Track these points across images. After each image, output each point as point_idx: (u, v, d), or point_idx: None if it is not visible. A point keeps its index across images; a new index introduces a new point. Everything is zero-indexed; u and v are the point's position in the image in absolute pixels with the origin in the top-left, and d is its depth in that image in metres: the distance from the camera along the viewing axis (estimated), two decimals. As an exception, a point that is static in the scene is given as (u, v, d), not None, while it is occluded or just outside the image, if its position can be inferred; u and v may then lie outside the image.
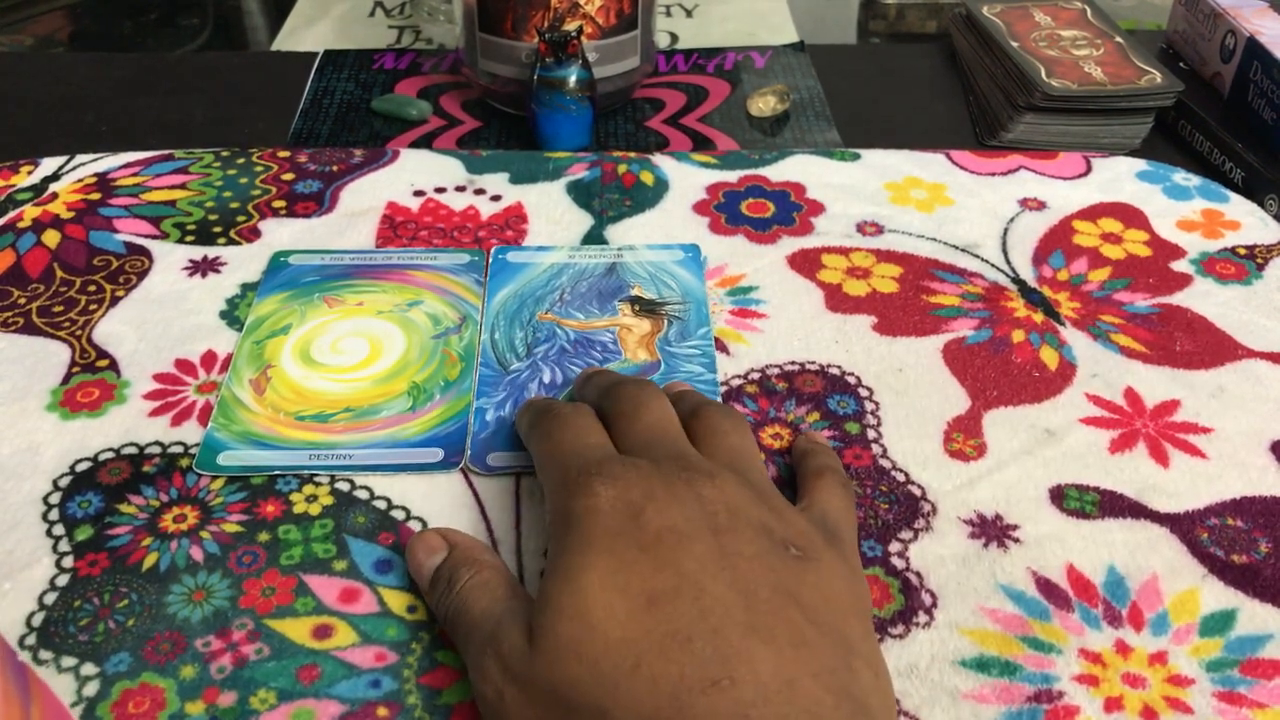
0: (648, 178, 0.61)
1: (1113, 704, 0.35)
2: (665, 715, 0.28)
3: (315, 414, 0.45)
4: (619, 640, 0.29)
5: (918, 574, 0.39)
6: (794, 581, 0.31)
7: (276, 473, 0.42)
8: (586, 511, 0.32)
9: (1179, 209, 0.59)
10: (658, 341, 0.49)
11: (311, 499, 0.42)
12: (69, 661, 0.36)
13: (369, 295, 0.52)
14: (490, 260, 0.54)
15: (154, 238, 0.55)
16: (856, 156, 0.63)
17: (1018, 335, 0.50)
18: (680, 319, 0.50)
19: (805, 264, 0.54)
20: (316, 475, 0.43)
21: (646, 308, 0.51)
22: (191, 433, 0.44)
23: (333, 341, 0.49)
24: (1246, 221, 0.58)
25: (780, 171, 0.62)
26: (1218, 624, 0.37)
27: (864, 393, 0.47)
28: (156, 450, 0.44)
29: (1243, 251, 0.56)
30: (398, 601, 0.38)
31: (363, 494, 0.42)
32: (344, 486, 0.42)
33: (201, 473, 0.42)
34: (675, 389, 0.43)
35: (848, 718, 0.28)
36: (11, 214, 0.57)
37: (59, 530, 0.40)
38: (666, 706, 0.28)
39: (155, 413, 0.45)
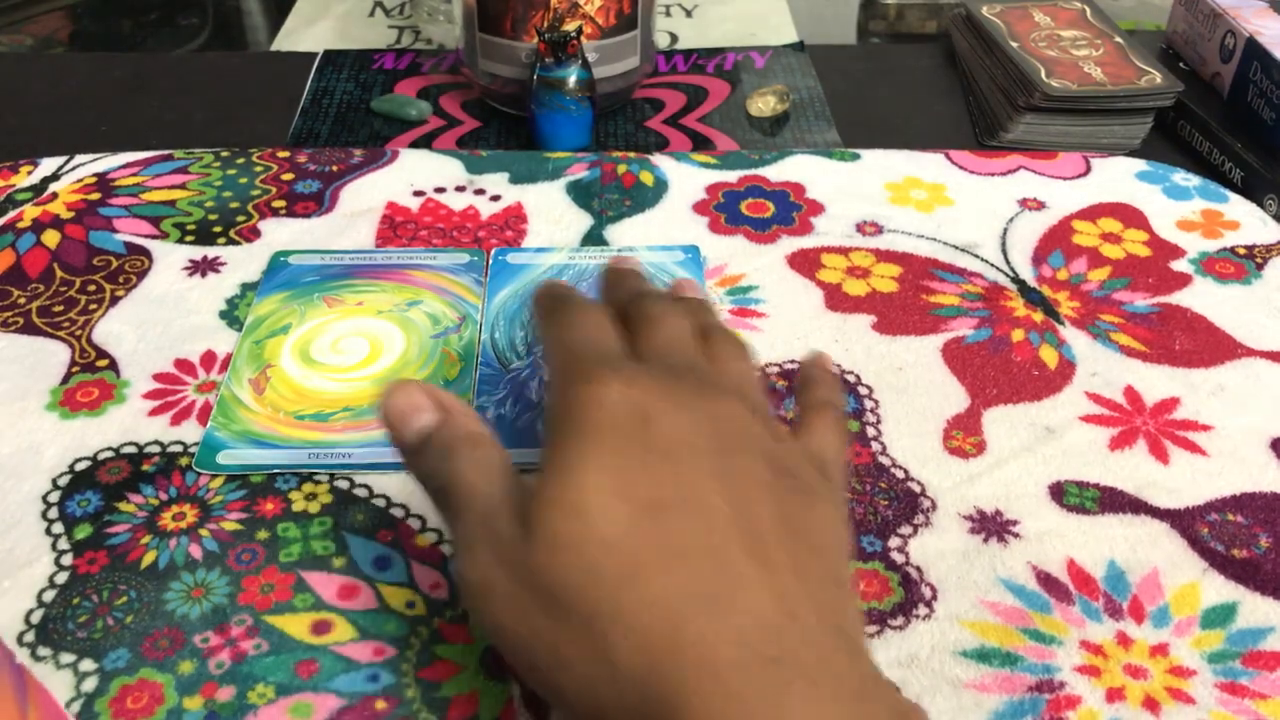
0: (647, 178, 0.61)
1: (1114, 694, 0.35)
2: (659, 630, 0.27)
3: (315, 413, 0.45)
4: (618, 545, 0.28)
5: (918, 568, 0.39)
6: (797, 513, 0.30)
7: (276, 471, 0.42)
8: (592, 401, 0.30)
9: (1178, 209, 0.59)
10: None
11: (311, 497, 0.42)
12: (67, 658, 0.36)
13: (369, 295, 0.52)
14: (490, 262, 0.54)
15: (154, 238, 0.55)
16: (856, 156, 0.63)
17: (1017, 334, 0.50)
18: None
19: (805, 264, 0.54)
20: (315, 474, 0.43)
21: None
22: (191, 432, 0.44)
23: (332, 341, 0.49)
24: (1246, 221, 0.58)
25: (780, 171, 0.62)
26: (1219, 617, 0.37)
27: (864, 391, 0.47)
28: (156, 450, 0.44)
29: (1242, 251, 0.56)
30: (397, 597, 0.38)
31: (361, 492, 0.42)
32: (343, 484, 0.42)
33: (201, 471, 0.42)
34: (683, 291, 0.41)
35: (846, 656, 0.27)
36: (11, 214, 0.57)
37: (58, 529, 0.40)
38: (662, 622, 0.27)
39: (155, 412, 0.45)
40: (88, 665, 0.36)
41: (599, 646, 0.27)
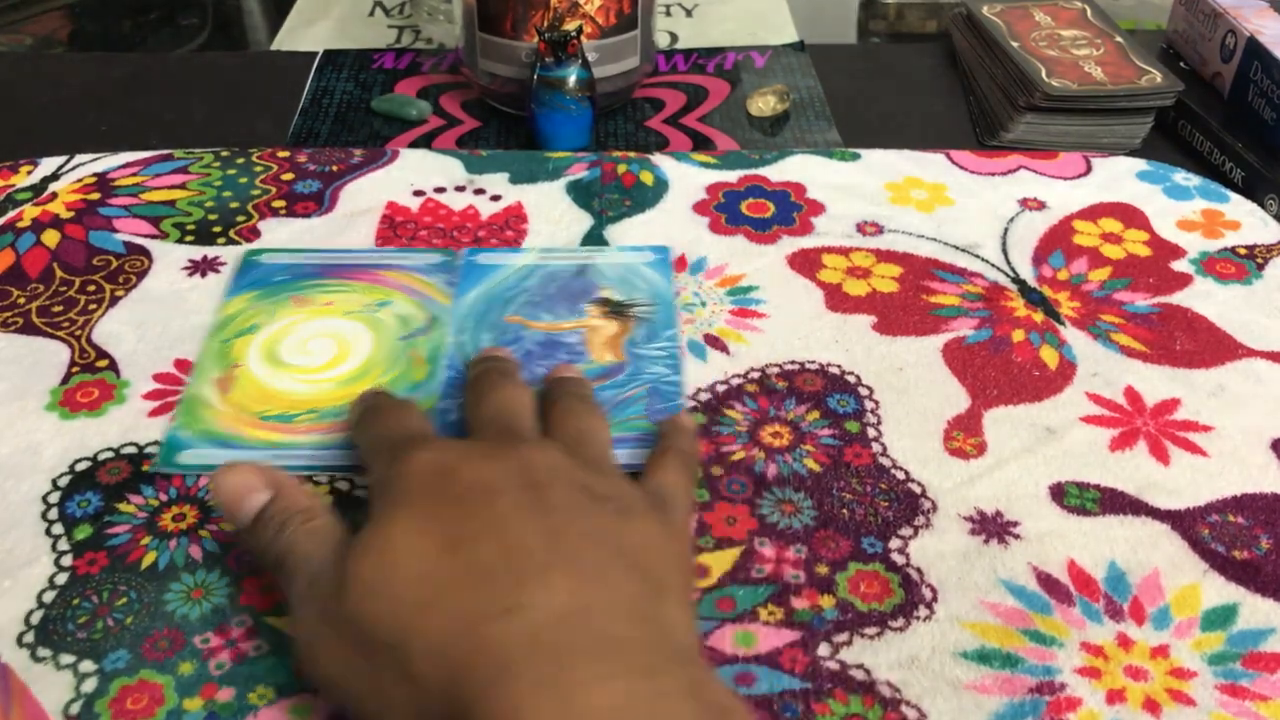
0: (647, 178, 0.61)
1: (1115, 696, 0.35)
2: (459, 645, 0.28)
3: (279, 414, 0.45)
4: (418, 576, 0.30)
5: (918, 569, 0.39)
6: (608, 528, 0.32)
7: None
8: (399, 475, 0.33)
9: (1179, 209, 0.59)
10: (624, 343, 0.49)
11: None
12: (67, 659, 0.36)
13: (339, 295, 0.51)
14: (461, 262, 0.54)
15: (153, 237, 0.55)
16: (856, 156, 0.63)
17: (1018, 335, 0.50)
18: (648, 320, 0.50)
19: (805, 264, 0.54)
20: (316, 475, 0.43)
21: (615, 309, 0.51)
22: (191, 431, 0.44)
23: (300, 342, 0.49)
24: (1246, 221, 0.58)
25: (780, 171, 0.62)
26: (1220, 618, 0.37)
27: (864, 392, 0.47)
28: (156, 450, 0.44)
29: (1243, 251, 0.56)
30: (397, 599, 0.38)
31: (362, 493, 0.42)
32: (343, 485, 0.42)
33: (160, 471, 0.42)
34: (558, 374, 0.44)
35: (648, 641, 0.29)
36: (11, 214, 0.57)
37: (58, 529, 0.40)
38: (461, 636, 0.28)
39: (155, 413, 0.45)
40: (87, 666, 0.35)
41: (406, 670, 0.28)
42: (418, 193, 0.59)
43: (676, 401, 0.46)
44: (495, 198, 0.59)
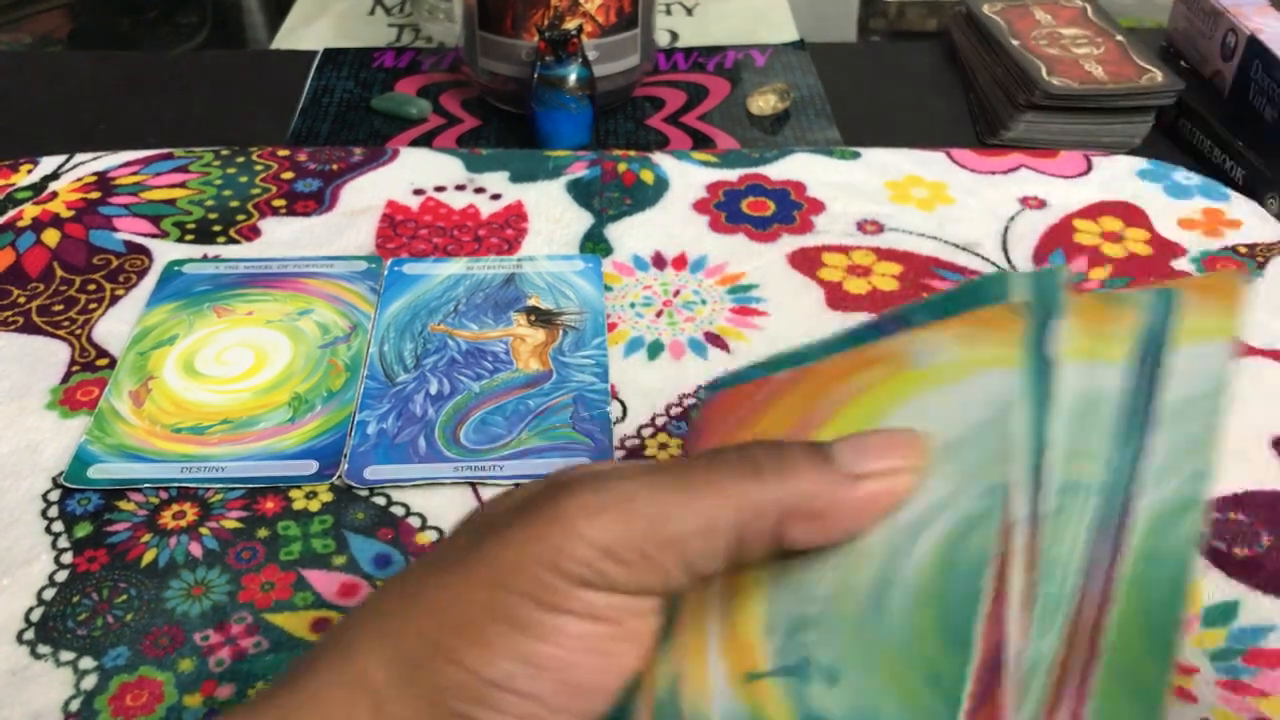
0: (648, 176, 0.60)
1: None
2: None
3: (192, 426, 0.44)
4: None
5: (919, 569, 0.39)
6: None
7: (145, 486, 0.42)
8: None
9: (1180, 207, 0.59)
10: (551, 352, 0.48)
11: (311, 495, 0.42)
12: (67, 656, 0.36)
13: (260, 304, 0.51)
14: (386, 271, 0.53)
15: (154, 236, 0.55)
16: (857, 155, 0.63)
17: (1018, 332, 0.50)
18: (576, 329, 0.50)
19: (806, 262, 0.54)
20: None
21: (542, 318, 0.50)
22: (191, 429, 0.44)
23: (217, 352, 0.48)
24: (1247, 220, 0.58)
25: (780, 170, 0.62)
26: (1221, 615, 0.37)
27: (865, 389, 0.47)
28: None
29: (1243, 250, 0.56)
30: (397, 597, 0.38)
31: (362, 490, 0.42)
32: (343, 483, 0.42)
33: (69, 486, 0.42)
34: None
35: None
36: (11, 213, 0.57)
37: (58, 527, 0.40)
38: None
39: (154, 409, 0.45)
40: (87, 663, 0.35)
41: None
42: (418, 191, 0.59)
43: (604, 410, 0.45)
44: (495, 196, 0.59)
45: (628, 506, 0.24)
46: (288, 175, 0.60)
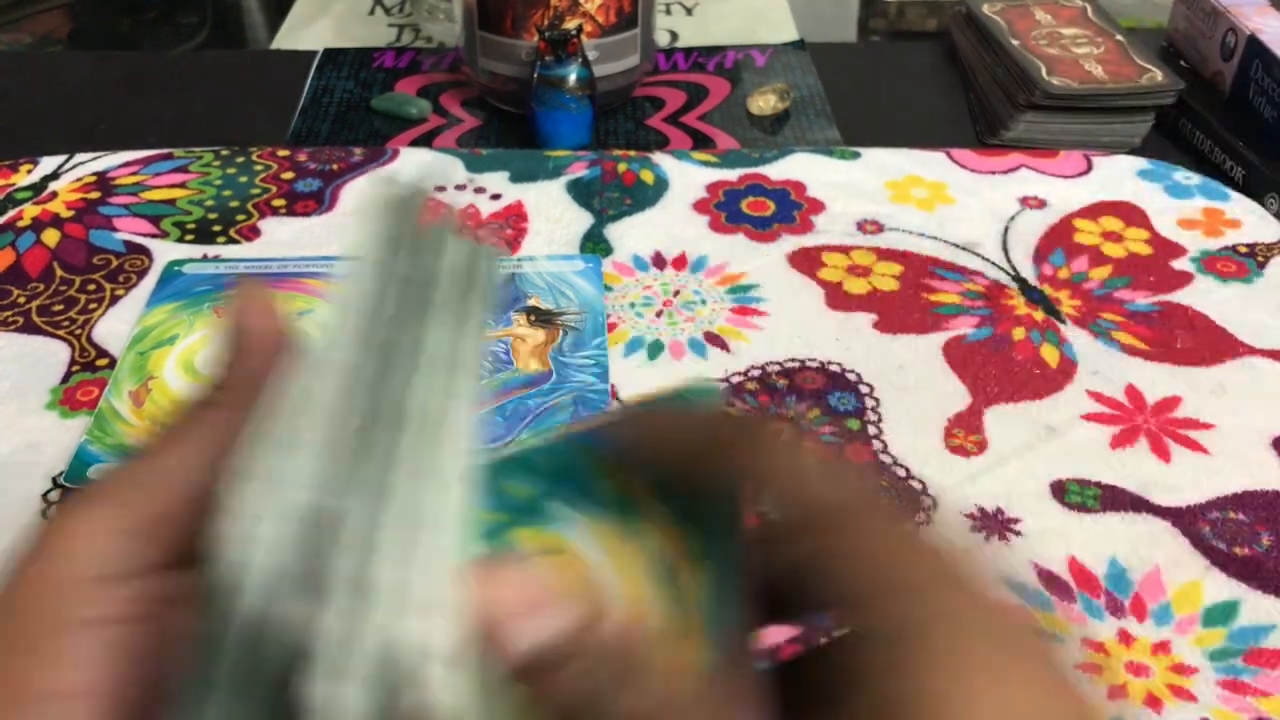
0: (648, 176, 0.60)
1: (1116, 692, 0.35)
2: None
3: None
4: None
5: (919, 569, 0.39)
6: None
7: None
8: None
9: (1180, 207, 0.59)
10: (551, 352, 0.48)
11: (311, 495, 0.42)
12: (68, 657, 0.36)
13: None
14: None
15: (154, 236, 0.55)
16: (857, 155, 0.63)
17: (1018, 333, 0.50)
18: (576, 329, 0.50)
19: (806, 262, 0.54)
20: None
21: (542, 318, 0.50)
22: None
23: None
24: (1247, 220, 0.58)
25: (780, 170, 0.62)
26: (1220, 615, 0.37)
27: (864, 390, 0.47)
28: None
29: (1243, 250, 0.56)
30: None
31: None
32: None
33: (69, 486, 0.42)
34: None
35: None
36: (11, 213, 0.57)
37: (58, 527, 0.40)
38: None
39: (155, 410, 0.45)
40: (88, 664, 0.35)
41: None
42: (418, 191, 0.59)
43: (604, 409, 0.45)
44: (495, 196, 0.59)
45: None
46: (288, 175, 0.60)
